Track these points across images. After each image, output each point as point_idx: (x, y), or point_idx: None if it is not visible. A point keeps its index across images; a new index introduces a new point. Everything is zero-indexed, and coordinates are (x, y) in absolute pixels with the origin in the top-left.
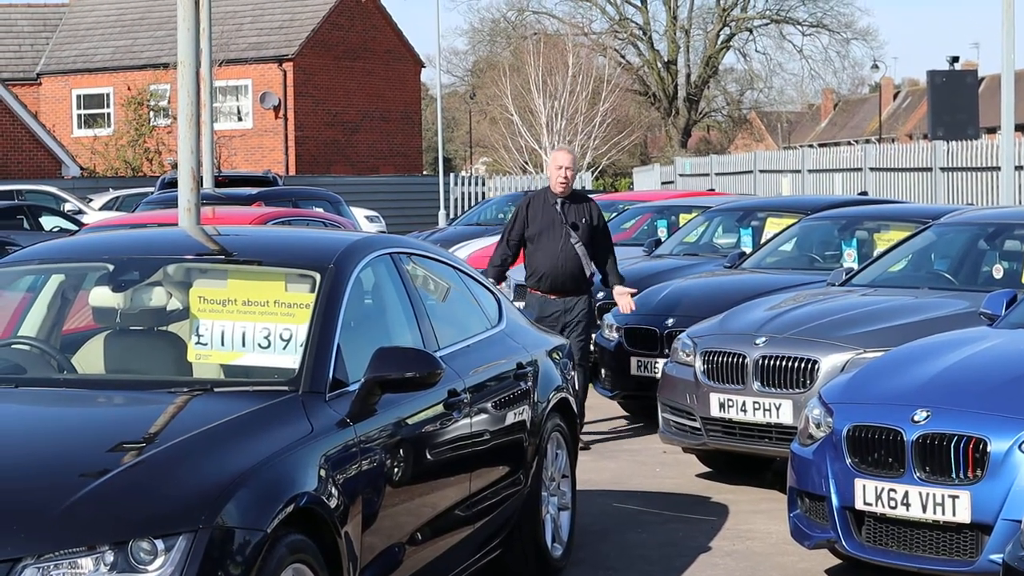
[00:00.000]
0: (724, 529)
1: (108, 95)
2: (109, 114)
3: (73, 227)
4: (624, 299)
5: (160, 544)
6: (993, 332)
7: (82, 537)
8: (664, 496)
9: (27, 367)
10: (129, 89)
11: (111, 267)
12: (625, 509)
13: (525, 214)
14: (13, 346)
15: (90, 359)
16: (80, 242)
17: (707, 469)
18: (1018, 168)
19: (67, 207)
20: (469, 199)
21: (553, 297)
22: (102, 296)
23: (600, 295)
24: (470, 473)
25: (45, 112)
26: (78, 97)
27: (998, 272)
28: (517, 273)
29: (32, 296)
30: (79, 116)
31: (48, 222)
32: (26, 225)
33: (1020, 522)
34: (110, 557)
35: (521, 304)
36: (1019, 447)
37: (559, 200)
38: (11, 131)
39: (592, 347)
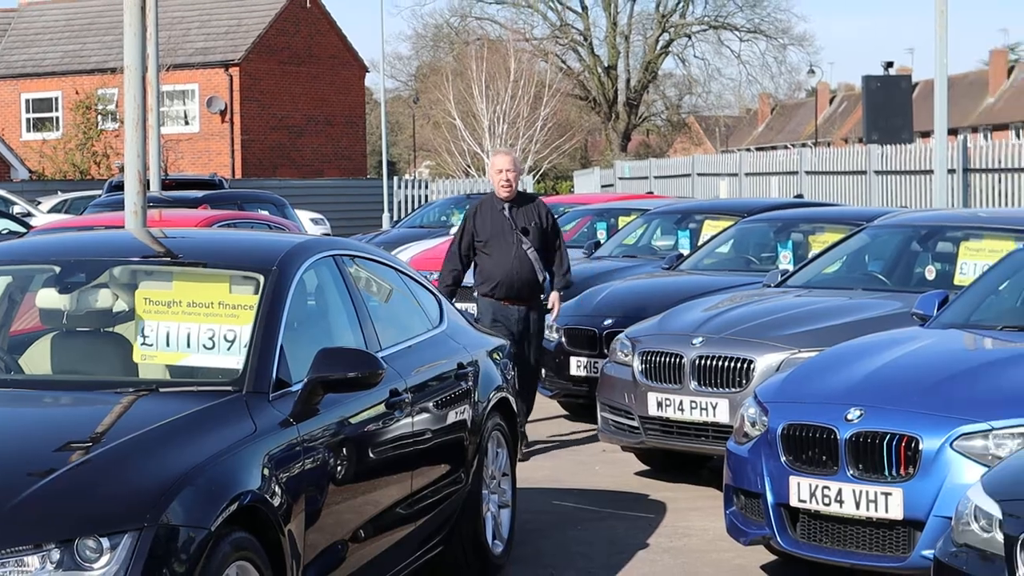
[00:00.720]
0: (662, 526)
1: (57, 99)
2: (58, 118)
3: (22, 229)
4: (554, 305)
5: (106, 542)
6: (925, 332)
7: (28, 535)
8: (603, 494)
9: None
10: (77, 93)
11: (58, 269)
12: (564, 507)
13: (473, 224)
14: None
15: (37, 360)
16: (28, 244)
17: (645, 467)
18: (951, 171)
19: (16, 210)
20: (412, 202)
21: (507, 304)
22: (49, 298)
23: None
24: (412, 471)
25: None
26: (27, 101)
27: (931, 273)
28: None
29: None
30: (28, 120)
31: None
32: None
33: (951, 519)
34: (56, 555)
35: (465, 306)
36: (950, 445)
37: (506, 205)
38: None
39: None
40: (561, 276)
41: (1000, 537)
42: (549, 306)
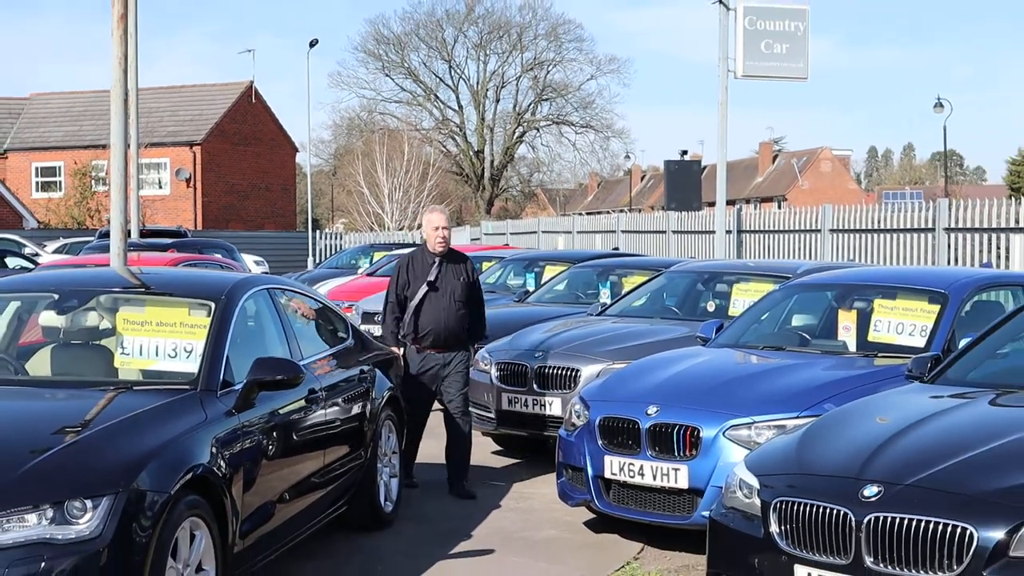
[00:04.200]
0: (511, 492)
1: (60, 167)
2: (60, 181)
3: (31, 266)
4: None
5: (89, 503)
6: (706, 350)
7: (29, 498)
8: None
9: None
10: (76, 163)
11: (57, 296)
12: (439, 478)
13: (406, 275)
14: None
15: (39, 365)
16: (34, 277)
17: (500, 448)
18: (728, 232)
19: (27, 251)
20: (330, 250)
21: (433, 352)
22: (49, 318)
23: None
24: (324, 450)
25: (11, 179)
26: (36, 168)
27: (711, 307)
28: (365, 303)
29: None
30: (37, 183)
31: (12, 262)
32: None
33: (722, 488)
34: (50, 513)
35: (367, 328)
36: (723, 434)
37: (437, 259)
38: None
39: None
40: (480, 329)
41: (758, 502)
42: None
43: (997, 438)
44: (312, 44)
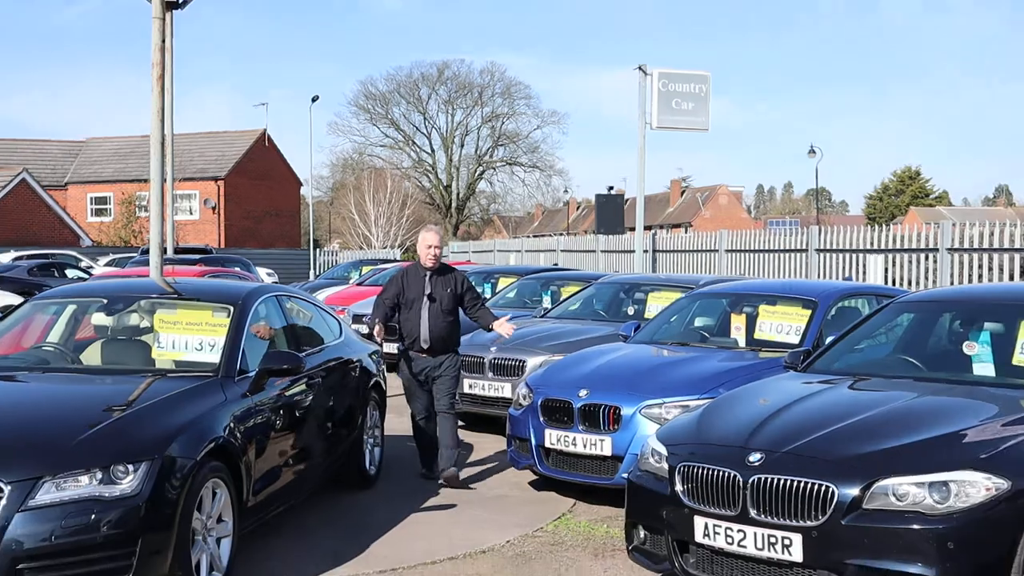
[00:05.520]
0: (471, 458)
1: (110, 197)
2: (110, 208)
3: (86, 276)
4: (503, 327)
5: (131, 467)
6: (626, 346)
7: (82, 463)
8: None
9: (51, 361)
10: (123, 194)
11: (106, 300)
12: (413, 447)
13: (400, 285)
14: (43, 348)
15: (92, 356)
16: (88, 285)
17: (463, 423)
18: (645, 251)
19: (83, 264)
20: (327, 264)
21: (424, 356)
22: (100, 318)
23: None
24: (321, 424)
25: (70, 207)
26: (91, 198)
27: (631, 311)
28: (356, 307)
29: (55, 317)
30: (92, 209)
31: (71, 273)
32: (56, 275)
33: (638, 455)
34: (99, 475)
35: (356, 327)
36: (639, 412)
37: (428, 273)
38: (48, 218)
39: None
40: (489, 312)
41: (666, 466)
42: (501, 330)
43: (854, 415)
44: (314, 99)
